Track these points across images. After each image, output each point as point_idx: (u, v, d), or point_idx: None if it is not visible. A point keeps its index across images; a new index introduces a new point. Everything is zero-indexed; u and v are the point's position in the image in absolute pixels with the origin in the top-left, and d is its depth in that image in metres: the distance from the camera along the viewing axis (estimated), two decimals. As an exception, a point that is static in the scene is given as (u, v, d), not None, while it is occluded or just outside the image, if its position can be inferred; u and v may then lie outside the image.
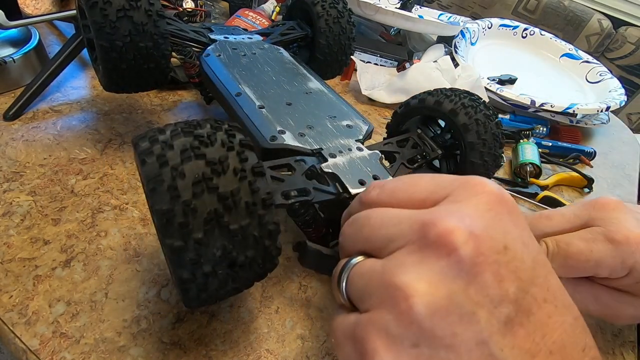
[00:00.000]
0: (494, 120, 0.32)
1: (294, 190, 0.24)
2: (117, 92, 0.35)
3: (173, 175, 0.18)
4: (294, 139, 0.29)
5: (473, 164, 0.32)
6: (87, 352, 0.24)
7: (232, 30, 0.43)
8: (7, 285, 0.26)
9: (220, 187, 0.19)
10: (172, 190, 0.18)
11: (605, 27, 1.60)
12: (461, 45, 0.70)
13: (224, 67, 0.35)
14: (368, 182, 0.27)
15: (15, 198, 0.31)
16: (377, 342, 0.16)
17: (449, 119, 0.32)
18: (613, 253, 0.26)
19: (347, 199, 0.26)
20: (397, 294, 0.16)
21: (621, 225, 0.27)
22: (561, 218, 0.29)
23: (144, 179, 0.19)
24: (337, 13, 0.43)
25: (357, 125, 0.32)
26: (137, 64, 0.31)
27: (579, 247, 0.27)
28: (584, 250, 0.27)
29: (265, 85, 0.34)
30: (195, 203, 0.18)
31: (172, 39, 0.36)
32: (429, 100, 0.33)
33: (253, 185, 0.19)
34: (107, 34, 0.29)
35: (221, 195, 0.18)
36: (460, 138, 0.32)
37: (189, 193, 0.18)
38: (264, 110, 0.31)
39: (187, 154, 0.19)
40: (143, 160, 0.19)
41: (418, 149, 0.34)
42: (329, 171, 0.27)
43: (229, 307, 0.28)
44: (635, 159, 0.67)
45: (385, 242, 0.18)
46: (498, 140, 0.32)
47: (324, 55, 0.44)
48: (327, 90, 0.36)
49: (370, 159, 0.29)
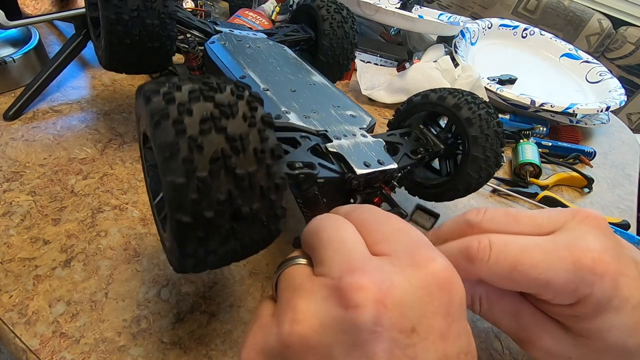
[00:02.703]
0: (496, 118, 0.32)
1: (299, 162, 0.23)
2: (117, 71, 0.34)
3: (180, 111, 0.17)
4: (298, 120, 0.28)
5: (476, 158, 0.31)
6: (87, 352, 0.24)
7: (237, 26, 0.43)
8: (7, 285, 0.26)
9: (228, 128, 0.18)
10: (178, 125, 0.17)
11: (605, 27, 1.60)
12: (461, 45, 0.70)
13: (228, 54, 0.35)
14: (373, 165, 0.27)
15: (15, 198, 0.31)
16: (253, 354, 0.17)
17: (452, 113, 0.32)
18: (570, 276, 0.21)
19: (351, 179, 0.26)
20: (288, 314, 0.16)
21: (594, 245, 0.21)
22: (530, 221, 0.24)
23: (148, 114, 0.18)
24: (342, 18, 0.44)
25: (361, 116, 0.32)
26: (141, 41, 0.31)
27: (533, 261, 0.21)
28: (539, 265, 0.21)
29: (270, 73, 0.34)
30: (202, 140, 0.17)
31: (179, 26, 0.36)
32: (432, 96, 0.33)
33: (262, 133, 0.19)
34: (114, 6, 0.29)
35: (229, 136, 0.17)
36: (464, 132, 0.32)
37: (195, 129, 0.17)
38: (269, 92, 0.31)
39: (195, 94, 0.18)
40: (148, 97, 0.18)
41: (420, 142, 0.34)
42: (334, 151, 0.27)
43: (229, 307, 0.28)
44: (635, 159, 0.67)
45: (317, 261, 0.18)
46: (499, 138, 0.32)
47: (327, 58, 0.44)
48: (330, 84, 0.36)
49: (375, 145, 0.29)
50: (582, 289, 0.21)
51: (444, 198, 0.35)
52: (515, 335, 0.25)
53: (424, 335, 0.15)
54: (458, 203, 0.45)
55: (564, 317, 0.23)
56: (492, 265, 0.22)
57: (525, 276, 0.21)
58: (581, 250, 0.21)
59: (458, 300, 0.16)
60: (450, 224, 0.26)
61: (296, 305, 0.16)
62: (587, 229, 0.22)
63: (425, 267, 0.16)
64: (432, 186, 0.35)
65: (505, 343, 0.31)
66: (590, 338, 0.22)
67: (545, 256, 0.21)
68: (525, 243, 0.22)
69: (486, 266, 0.22)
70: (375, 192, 0.29)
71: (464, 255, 0.23)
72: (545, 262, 0.21)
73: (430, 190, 0.35)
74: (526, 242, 0.22)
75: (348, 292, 0.15)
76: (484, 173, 0.32)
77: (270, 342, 0.16)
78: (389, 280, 0.16)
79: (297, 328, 0.15)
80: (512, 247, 0.22)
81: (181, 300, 0.28)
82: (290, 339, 0.15)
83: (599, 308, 0.21)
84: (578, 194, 0.54)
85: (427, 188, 0.36)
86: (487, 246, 0.22)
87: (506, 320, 0.25)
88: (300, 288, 0.17)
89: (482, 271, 0.22)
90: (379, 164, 0.28)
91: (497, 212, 0.24)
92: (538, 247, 0.22)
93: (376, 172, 0.27)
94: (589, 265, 0.21)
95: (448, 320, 0.16)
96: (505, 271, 0.22)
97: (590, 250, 0.21)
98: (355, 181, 0.26)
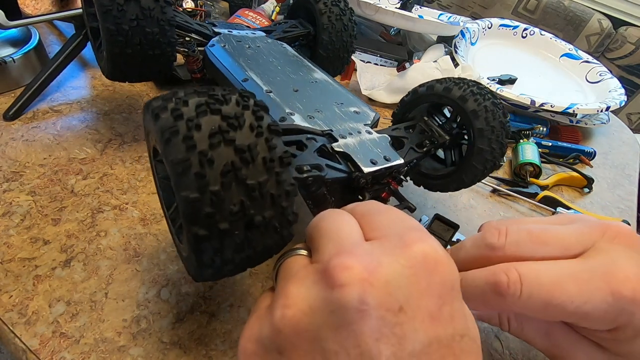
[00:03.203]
0: (501, 109, 0.32)
1: (307, 165, 0.24)
2: (120, 81, 0.34)
3: (189, 126, 0.18)
4: (303, 121, 0.29)
5: (481, 150, 0.31)
6: (86, 352, 0.24)
7: (235, 26, 0.43)
8: (7, 285, 0.26)
9: (237, 140, 0.18)
10: (188, 140, 0.17)
11: (605, 27, 1.60)
12: (461, 45, 0.70)
13: (229, 56, 0.35)
14: (379, 162, 0.27)
15: (15, 198, 0.31)
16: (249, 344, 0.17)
17: (457, 105, 0.32)
18: (609, 308, 0.20)
19: (359, 178, 0.26)
20: (280, 301, 0.16)
21: (631, 271, 0.20)
22: (558, 243, 0.22)
23: (158, 132, 0.18)
24: (339, 10, 0.44)
25: (365, 111, 0.32)
26: (142, 49, 0.31)
27: (569, 294, 0.20)
28: (575, 298, 0.20)
29: (271, 73, 0.34)
30: (212, 153, 0.17)
31: (178, 31, 0.36)
32: (438, 87, 0.33)
33: (270, 142, 0.19)
34: (114, 17, 0.29)
35: (238, 148, 0.18)
36: (469, 125, 0.32)
37: (205, 143, 0.17)
38: (272, 94, 0.31)
39: (202, 108, 0.18)
40: (157, 115, 0.18)
41: (425, 134, 0.34)
42: (341, 150, 0.27)
43: (229, 307, 0.28)
44: (635, 159, 0.67)
45: (314, 250, 0.18)
46: (505, 129, 0.32)
47: (327, 52, 0.44)
48: (332, 80, 0.36)
49: (380, 141, 0.29)
50: (622, 317, 0.20)
51: (449, 189, 0.35)
52: (547, 352, 0.24)
53: (411, 315, 0.15)
54: (458, 203, 0.45)
55: (601, 339, 0.22)
56: (524, 301, 0.21)
57: (561, 310, 0.20)
58: (619, 281, 0.20)
59: (450, 283, 0.16)
60: (470, 248, 0.24)
61: (288, 291, 0.16)
62: (620, 249, 0.21)
63: (413, 247, 0.16)
64: (437, 177, 0.35)
65: (505, 343, 0.31)
66: (629, 357, 0.22)
67: (581, 287, 0.20)
68: (557, 274, 0.21)
69: (519, 302, 0.21)
70: (383, 187, 0.29)
71: (493, 290, 0.22)
72: (581, 295, 0.20)
73: (436, 181, 0.35)
74: (558, 273, 0.21)
75: (334, 272, 0.15)
76: (489, 164, 0.32)
77: (265, 331, 0.16)
78: (376, 260, 0.16)
79: (288, 312, 0.15)
80: (545, 280, 0.21)
81: (181, 300, 0.28)
82: (282, 324, 0.15)
83: (638, 333, 0.21)
84: (578, 194, 0.54)
85: (432, 179, 0.36)
86: (518, 281, 0.21)
87: (538, 339, 0.24)
88: (294, 276, 0.17)
89: (514, 307, 0.21)
90: (385, 160, 0.28)
91: (521, 233, 0.23)
92: (572, 278, 0.21)
93: (383, 169, 0.27)
94: (629, 296, 0.20)
95: (439, 301, 0.15)
96: (539, 307, 0.21)
97: (629, 279, 0.20)
98: (363, 179, 0.27)
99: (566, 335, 0.24)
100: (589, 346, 0.23)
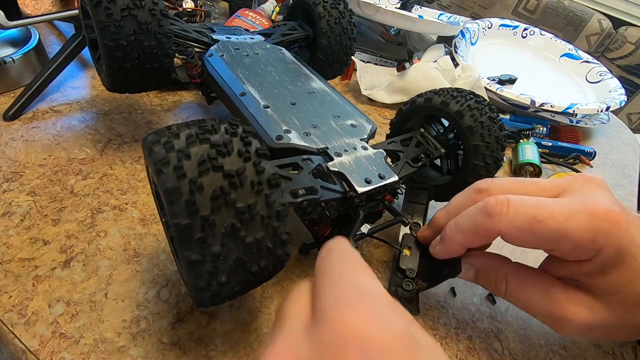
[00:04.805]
0: (498, 123, 0.33)
1: (301, 189, 0.24)
2: (120, 92, 0.35)
3: (179, 157, 0.18)
4: (299, 138, 0.29)
5: (476, 166, 0.32)
6: (86, 353, 0.24)
7: (233, 30, 0.43)
8: (7, 285, 0.26)
9: (225, 165, 0.19)
10: (178, 170, 0.18)
11: (605, 27, 1.60)
12: (461, 45, 0.70)
13: (227, 67, 0.35)
14: (374, 181, 0.27)
15: (15, 198, 0.31)
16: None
17: (454, 120, 0.32)
18: (587, 227, 0.22)
19: (353, 198, 0.26)
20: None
21: (603, 200, 0.23)
22: (537, 186, 0.25)
23: (152, 164, 0.19)
24: (339, 14, 0.43)
25: (361, 124, 0.32)
26: (141, 63, 0.31)
27: (552, 211, 0.22)
28: (558, 215, 0.22)
29: (269, 85, 0.34)
30: (201, 180, 0.18)
31: (175, 39, 0.36)
32: (436, 100, 0.33)
33: (258, 166, 0.20)
34: (111, 33, 0.29)
35: (227, 173, 0.19)
36: (465, 140, 0.32)
37: (195, 171, 0.18)
38: (269, 109, 0.31)
39: (192, 139, 0.19)
40: (150, 149, 0.19)
41: (421, 147, 0.34)
42: (336, 170, 0.27)
43: (229, 307, 0.28)
44: (635, 159, 0.67)
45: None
46: (500, 143, 0.32)
47: (326, 56, 0.44)
48: (330, 90, 0.36)
49: (376, 157, 0.29)
50: (600, 238, 0.22)
51: (444, 199, 0.35)
52: (549, 315, 0.25)
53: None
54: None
55: (587, 275, 0.24)
56: (511, 218, 0.23)
57: (545, 227, 0.22)
58: (593, 204, 0.23)
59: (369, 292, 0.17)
60: (460, 197, 0.28)
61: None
62: (592, 187, 0.24)
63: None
64: (434, 187, 0.35)
65: (505, 343, 0.30)
66: (620, 292, 0.23)
67: (562, 208, 0.23)
68: (540, 199, 0.23)
69: (506, 219, 0.23)
70: (378, 203, 0.30)
71: (483, 211, 0.24)
72: (562, 212, 0.22)
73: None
74: (541, 198, 0.24)
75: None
76: (483, 178, 0.32)
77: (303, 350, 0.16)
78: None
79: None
80: (529, 202, 0.23)
81: (181, 300, 0.28)
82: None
83: (619, 257, 0.22)
84: (578, 194, 0.54)
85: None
86: (505, 201, 0.23)
87: (537, 297, 0.25)
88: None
89: (501, 225, 0.23)
90: (380, 178, 0.28)
91: (504, 179, 0.26)
92: (553, 202, 0.23)
93: (377, 188, 0.27)
94: (603, 214, 0.22)
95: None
96: (525, 223, 0.23)
97: (602, 203, 0.23)
98: (357, 199, 0.27)
99: (563, 289, 0.25)
100: (587, 297, 0.24)
